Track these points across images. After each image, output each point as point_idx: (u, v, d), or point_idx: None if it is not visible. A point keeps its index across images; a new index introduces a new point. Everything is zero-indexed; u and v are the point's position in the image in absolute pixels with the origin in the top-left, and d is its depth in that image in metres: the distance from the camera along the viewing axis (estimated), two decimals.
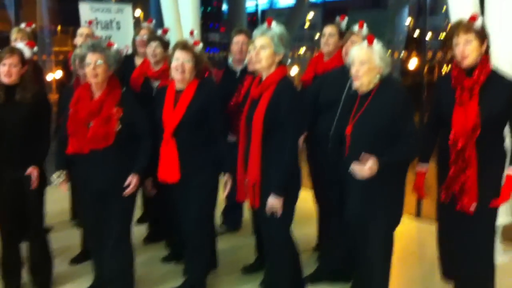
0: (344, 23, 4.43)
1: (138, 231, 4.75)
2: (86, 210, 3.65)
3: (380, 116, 3.08)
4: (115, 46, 3.55)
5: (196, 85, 3.56)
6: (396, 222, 3.28)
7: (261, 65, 3.28)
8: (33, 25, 5.03)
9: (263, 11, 13.49)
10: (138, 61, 4.77)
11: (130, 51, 5.01)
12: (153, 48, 4.42)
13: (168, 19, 6.88)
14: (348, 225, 3.36)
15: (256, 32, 3.32)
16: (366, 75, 3.12)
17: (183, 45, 3.56)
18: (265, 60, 3.26)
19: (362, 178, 3.03)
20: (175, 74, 3.52)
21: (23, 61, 3.63)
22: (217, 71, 4.71)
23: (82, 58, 3.44)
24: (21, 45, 3.74)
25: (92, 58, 3.39)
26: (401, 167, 3.19)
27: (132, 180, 3.46)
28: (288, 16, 11.66)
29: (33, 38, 4.82)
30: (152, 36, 4.56)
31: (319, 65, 4.43)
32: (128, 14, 7.25)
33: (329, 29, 4.38)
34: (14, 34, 4.77)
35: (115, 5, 7.36)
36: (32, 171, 3.59)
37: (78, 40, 4.98)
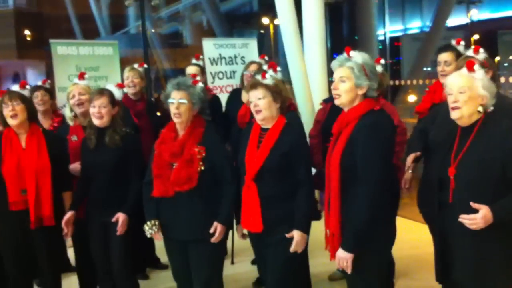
0: (461, 46, 3.94)
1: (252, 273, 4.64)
2: (172, 254, 3.51)
3: (489, 156, 2.59)
4: (200, 84, 3.42)
5: (282, 124, 3.25)
6: None
7: (341, 100, 2.86)
8: (145, 65, 5.17)
9: (394, 38, 12.90)
10: (244, 95, 4.67)
11: None
12: None
13: (289, 50, 6.78)
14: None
15: (334, 63, 2.91)
16: (467, 105, 2.64)
17: (251, 85, 3.32)
18: (344, 94, 2.83)
19: (476, 229, 2.59)
20: (255, 116, 3.28)
21: (113, 102, 3.67)
22: (324, 104, 4.44)
23: (167, 96, 3.35)
24: (110, 86, 3.79)
25: (176, 97, 3.29)
26: None
27: (216, 229, 3.28)
28: (423, 41, 10.99)
29: (144, 77, 4.97)
30: (257, 70, 4.42)
31: (437, 94, 3.98)
32: (253, 49, 7.27)
33: (444, 56, 3.92)
34: (126, 73, 4.94)
35: (240, 40, 7.43)
36: (118, 217, 3.56)
37: None
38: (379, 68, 3.87)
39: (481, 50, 3.44)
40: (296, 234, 3.14)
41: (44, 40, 18.91)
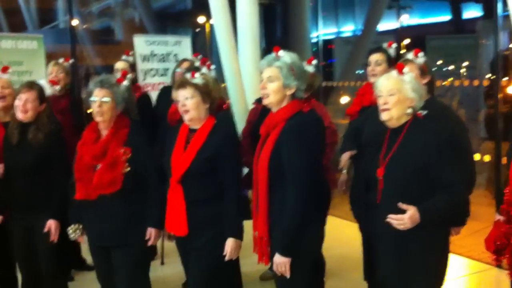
0: (392, 49, 3.99)
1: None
2: (96, 258, 3.37)
3: (415, 158, 2.63)
4: (125, 83, 3.26)
5: (211, 125, 3.13)
6: (439, 284, 2.77)
7: (269, 100, 2.82)
8: (71, 60, 4.95)
9: (327, 41, 13.14)
10: (175, 93, 4.55)
11: None
12: None
13: (223, 49, 6.69)
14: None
15: (263, 63, 2.87)
16: (396, 107, 2.67)
17: (180, 83, 3.18)
18: (273, 94, 2.79)
19: (403, 229, 2.59)
20: (182, 116, 3.16)
21: (41, 98, 3.47)
22: (257, 104, 4.39)
23: (89, 94, 3.18)
24: (43, 81, 3.59)
25: (98, 95, 3.14)
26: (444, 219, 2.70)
27: (151, 234, 3.18)
28: (354, 45, 11.22)
29: (70, 73, 4.75)
30: (189, 68, 4.31)
31: (366, 97, 4.01)
32: (187, 46, 7.15)
33: (375, 57, 3.95)
34: (50, 68, 4.72)
35: (173, 37, 7.28)
36: (50, 225, 3.39)
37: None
38: (310, 69, 3.85)
39: (421, 54, 3.46)
40: (229, 241, 3.03)
41: None
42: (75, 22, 20.59)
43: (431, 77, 3.48)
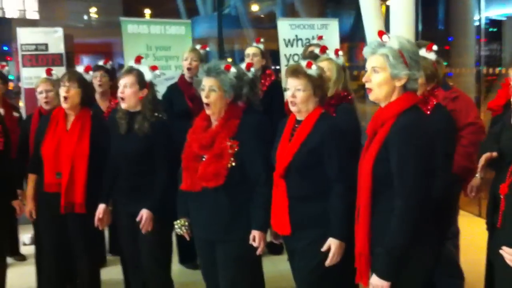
0: None
1: None
2: (199, 252, 3.28)
3: None
4: (233, 70, 3.05)
5: (317, 115, 2.86)
6: None
7: (375, 95, 2.40)
8: (207, 48, 4.94)
9: (493, 21, 11.71)
10: None
11: None
12: None
13: (371, 33, 6.25)
14: None
15: (365, 50, 2.43)
16: None
17: (292, 71, 2.89)
18: (377, 88, 2.37)
19: None
20: (290, 106, 2.91)
21: (141, 83, 3.40)
22: None
23: (199, 83, 3.07)
24: (144, 67, 3.52)
25: (206, 84, 3.01)
26: None
27: (254, 237, 2.98)
28: None
29: (205, 60, 4.71)
30: (307, 56, 4.07)
31: None
32: (334, 30, 6.82)
33: None
34: (186, 54, 4.73)
35: (319, 20, 7.01)
36: (142, 216, 3.33)
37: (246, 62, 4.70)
38: (431, 56, 3.36)
39: None
40: (331, 243, 2.74)
41: None
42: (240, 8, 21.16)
43: None
